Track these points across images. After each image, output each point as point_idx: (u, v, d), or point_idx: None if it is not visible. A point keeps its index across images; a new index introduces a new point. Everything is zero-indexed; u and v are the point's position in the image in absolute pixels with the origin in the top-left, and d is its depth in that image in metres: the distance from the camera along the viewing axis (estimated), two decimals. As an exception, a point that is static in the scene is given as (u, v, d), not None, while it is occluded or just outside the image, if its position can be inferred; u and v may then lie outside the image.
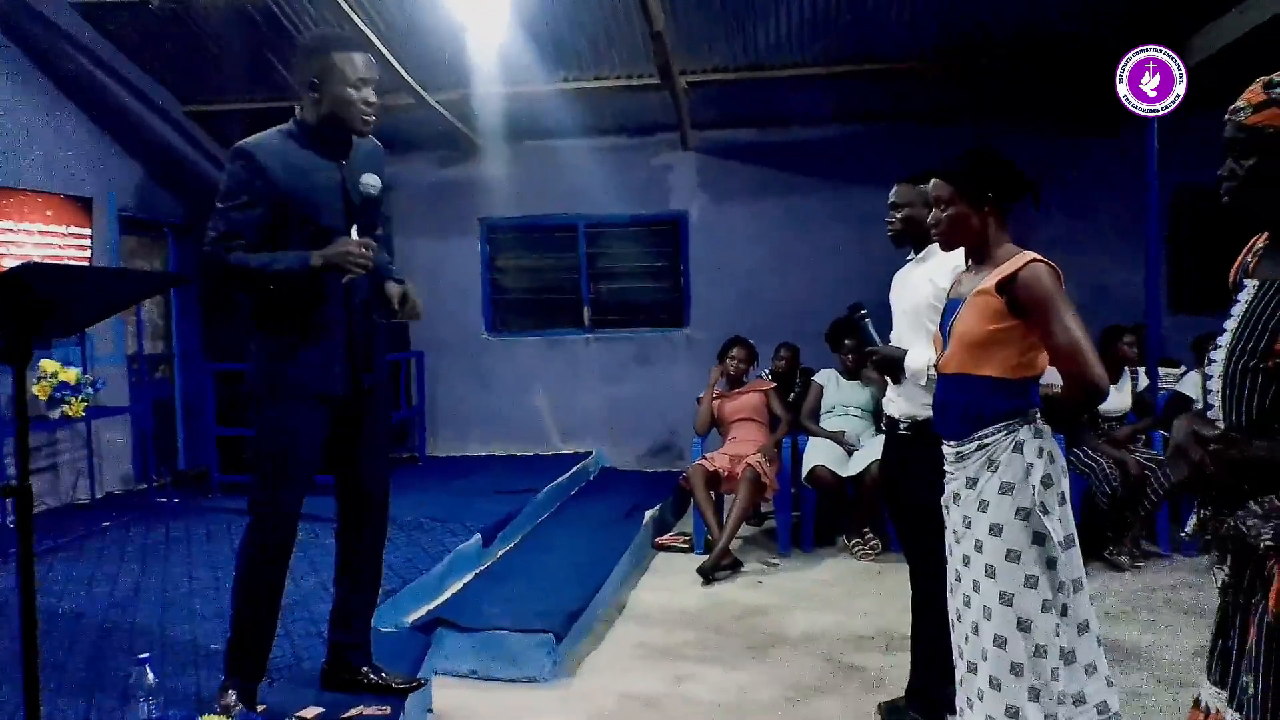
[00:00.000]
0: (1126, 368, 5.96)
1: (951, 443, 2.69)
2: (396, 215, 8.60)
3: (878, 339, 3.49)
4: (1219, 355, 1.87)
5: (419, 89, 7.25)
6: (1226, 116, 1.86)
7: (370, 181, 2.96)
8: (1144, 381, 6.13)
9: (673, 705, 3.85)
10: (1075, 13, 6.71)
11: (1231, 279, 1.95)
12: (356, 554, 3.22)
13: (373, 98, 2.96)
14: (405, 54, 6.97)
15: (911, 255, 3.51)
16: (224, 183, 2.89)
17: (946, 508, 2.73)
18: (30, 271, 2.10)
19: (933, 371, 3.14)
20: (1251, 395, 1.79)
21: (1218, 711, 1.91)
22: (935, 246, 3.28)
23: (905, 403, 3.40)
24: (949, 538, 2.73)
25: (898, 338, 3.47)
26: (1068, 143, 7.82)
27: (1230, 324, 1.86)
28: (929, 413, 3.15)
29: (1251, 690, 1.77)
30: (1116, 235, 7.83)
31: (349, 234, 2.94)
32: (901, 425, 3.43)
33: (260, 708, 2.93)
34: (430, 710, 3.63)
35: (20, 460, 2.08)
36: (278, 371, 2.94)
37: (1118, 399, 5.89)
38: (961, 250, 2.81)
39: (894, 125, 8.03)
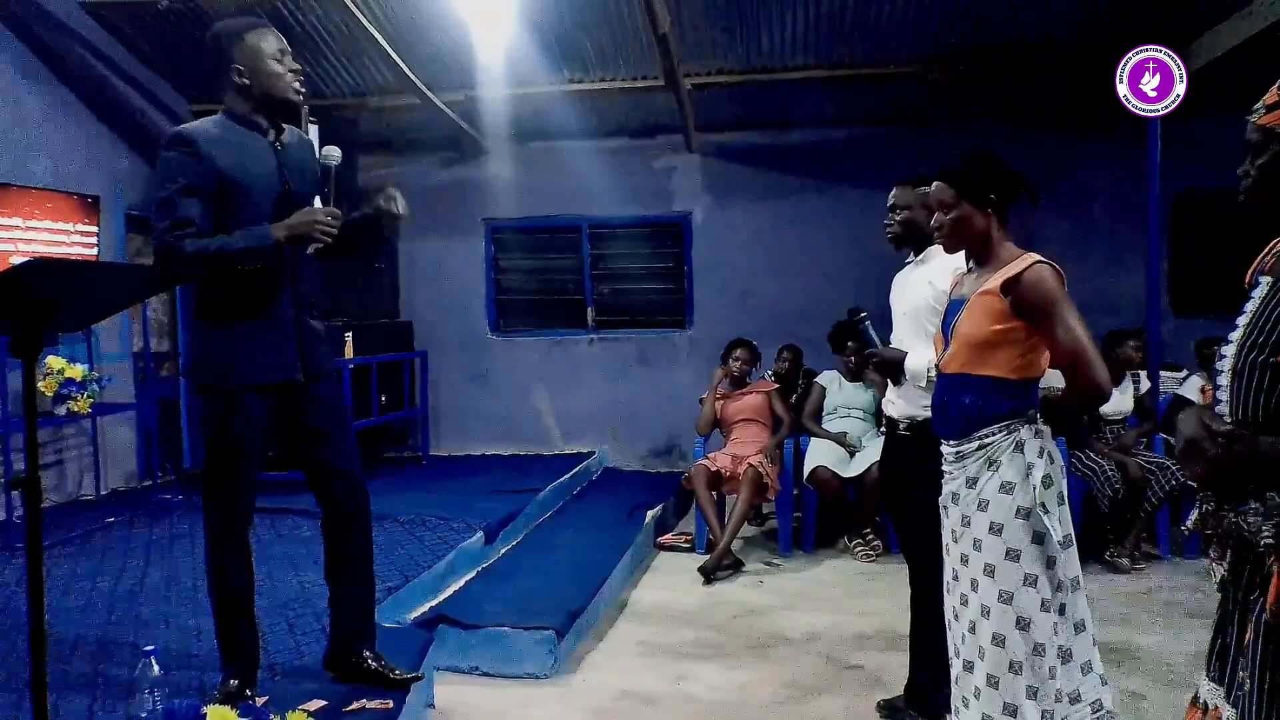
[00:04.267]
0: (1128, 371, 5.98)
1: (951, 442, 2.71)
2: (401, 215, 8.62)
3: (878, 341, 3.51)
4: (1229, 350, 1.87)
5: (424, 89, 7.28)
6: (1246, 117, 1.88)
7: (331, 153, 3.01)
8: (1145, 385, 6.14)
9: (673, 703, 3.87)
10: (1077, 18, 6.73)
11: (1248, 279, 1.96)
12: (343, 546, 3.22)
13: (295, 65, 3.02)
14: (411, 54, 7.00)
15: (911, 258, 3.53)
16: (162, 171, 2.85)
17: (944, 507, 2.75)
18: (39, 267, 2.13)
19: (933, 373, 3.17)
20: (1259, 391, 1.79)
21: (1215, 708, 1.92)
22: (934, 249, 3.31)
23: (905, 404, 3.43)
24: (946, 537, 2.75)
25: (898, 340, 3.50)
26: (1070, 147, 7.83)
27: (1242, 320, 1.87)
28: (928, 413, 3.16)
29: (1247, 687, 1.78)
30: (1118, 238, 7.84)
31: (277, 217, 2.93)
32: (901, 426, 3.45)
33: (262, 700, 2.95)
34: (432, 705, 3.65)
35: (29, 452, 2.10)
36: (226, 359, 2.94)
37: (1119, 402, 5.91)
38: (962, 252, 2.83)
39: (898, 128, 8.05)
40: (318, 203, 2.97)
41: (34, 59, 6.56)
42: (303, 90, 3.03)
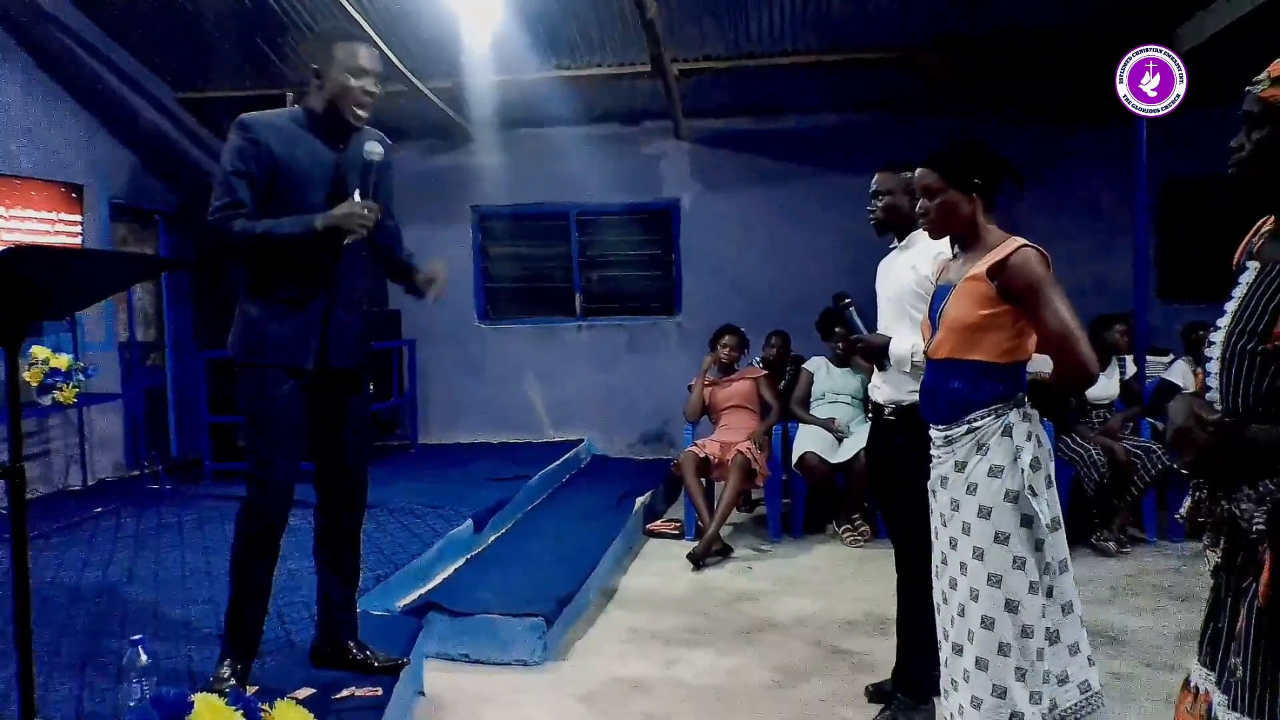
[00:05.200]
0: (1114, 356, 6.00)
1: (940, 427, 2.71)
2: (388, 203, 8.60)
3: (862, 327, 3.52)
4: (1218, 337, 1.86)
5: (412, 77, 7.24)
6: (1246, 89, 1.85)
7: (373, 149, 3.04)
8: (1132, 369, 6.17)
9: (662, 688, 3.88)
10: (1065, 2, 6.72)
11: (1235, 262, 1.94)
12: (336, 534, 3.25)
13: (372, 87, 3.05)
14: (397, 41, 6.96)
15: (895, 243, 3.53)
16: (225, 154, 2.96)
17: (933, 491, 2.76)
18: (21, 254, 2.11)
19: (917, 358, 3.18)
20: (1249, 377, 1.79)
21: (1206, 692, 1.93)
22: (917, 234, 3.33)
23: (890, 389, 3.43)
24: (935, 521, 2.76)
25: (883, 325, 3.50)
26: (1059, 132, 7.85)
27: (1230, 306, 1.86)
28: (913, 398, 3.18)
29: (1240, 673, 1.79)
30: (1106, 224, 7.88)
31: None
32: (886, 411, 3.46)
33: (253, 688, 2.95)
34: (421, 692, 3.66)
35: (13, 439, 2.09)
36: (254, 337, 3.00)
37: (1106, 386, 5.93)
38: (946, 238, 2.84)
39: (886, 114, 8.05)
40: (357, 196, 3.01)
41: (16, 47, 6.49)
42: (364, 113, 3.06)
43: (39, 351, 5.97)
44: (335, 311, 3.08)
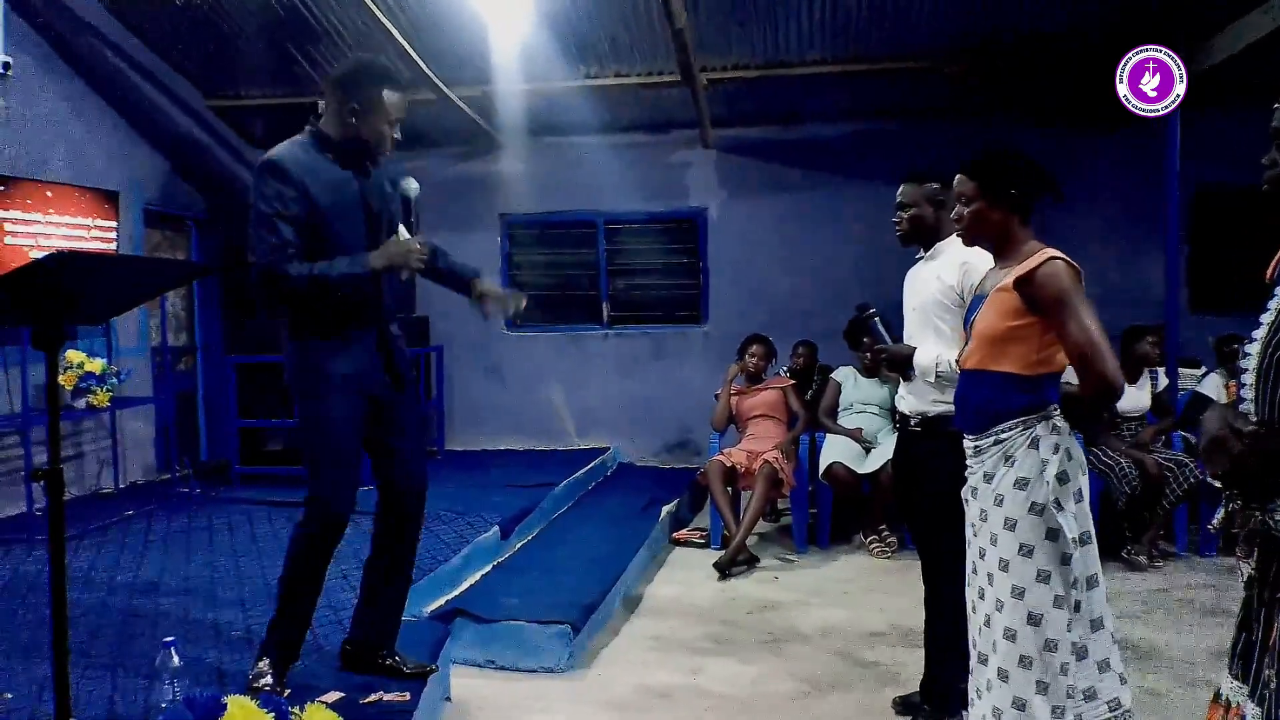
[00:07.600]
0: (1146, 368, 5.94)
1: (970, 437, 2.71)
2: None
3: (887, 337, 3.51)
4: (1254, 349, 1.85)
5: (441, 84, 7.29)
6: (1275, 106, 1.85)
7: (410, 185, 3.10)
8: (1163, 382, 6.10)
9: (687, 697, 3.88)
10: (1091, 11, 6.68)
11: (1269, 274, 1.93)
12: (394, 545, 3.29)
13: (398, 133, 3.09)
14: (427, 49, 7.01)
15: (921, 253, 3.53)
16: (261, 197, 2.92)
17: (966, 500, 2.75)
18: (60, 260, 2.15)
19: (942, 368, 3.18)
20: None
21: (1238, 705, 1.91)
22: (943, 244, 3.34)
23: (915, 399, 3.43)
24: (968, 530, 2.75)
25: (908, 335, 3.50)
26: (1087, 141, 7.79)
27: (1266, 317, 1.84)
28: (938, 409, 3.18)
29: (1274, 685, 1.77)
30: (1137, 234, 7.80)
31: (365, 247, 3.02)
32: (912, 421, 3.45)
33: (286, 692, 2.97)
34: (448, 698, 3.67)
35: (52, 442, 2.12)
36: (318, 369, 3.01)
37: (1137, 399, 5.87)
38: (973, 248, 2.83)
39: (912, 122, 8.02)
40: (402, 231, 3.06)
41: (53, 54, 6.58)
42: (391, 152, 3.11)
43: (74, 356, 6.04)
44: (387, 333, 3.15)
